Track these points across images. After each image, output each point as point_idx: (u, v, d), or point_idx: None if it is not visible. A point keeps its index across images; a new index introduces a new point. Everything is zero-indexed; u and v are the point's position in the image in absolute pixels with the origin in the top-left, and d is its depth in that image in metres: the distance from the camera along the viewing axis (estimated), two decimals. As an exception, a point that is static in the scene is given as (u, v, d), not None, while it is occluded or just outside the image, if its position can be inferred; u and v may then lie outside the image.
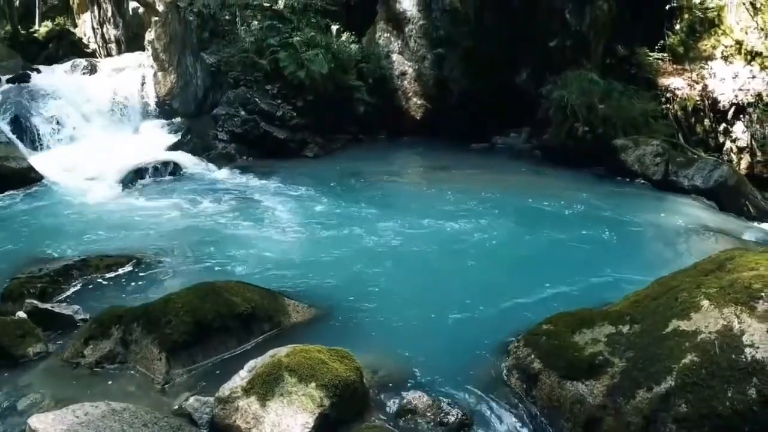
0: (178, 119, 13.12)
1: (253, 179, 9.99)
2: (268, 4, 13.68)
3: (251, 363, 3.71)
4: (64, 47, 18.94)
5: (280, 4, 13.66)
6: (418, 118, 13.18)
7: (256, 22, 13.04)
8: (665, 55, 11.99)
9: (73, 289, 5.65)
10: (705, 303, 3.67)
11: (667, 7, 11.83)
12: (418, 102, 13.15)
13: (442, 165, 11.10)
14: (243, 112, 11.86)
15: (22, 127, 11.90)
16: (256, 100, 11.94)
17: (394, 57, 13.25)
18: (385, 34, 13.36)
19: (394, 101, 13.25)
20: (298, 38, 12.36)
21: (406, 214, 7.98)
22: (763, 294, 3.55)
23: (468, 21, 12.51)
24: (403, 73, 13.17)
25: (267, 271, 5.99)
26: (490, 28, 12.55)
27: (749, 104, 11.03)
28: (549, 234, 7.31)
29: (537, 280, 5.86)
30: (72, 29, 20.71)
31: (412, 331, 4.87)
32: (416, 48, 12.99)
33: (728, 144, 11.27)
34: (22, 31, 18.92)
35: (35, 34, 19.24)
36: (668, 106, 11.62)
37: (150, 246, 6.75)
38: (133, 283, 5.80)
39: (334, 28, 13.23)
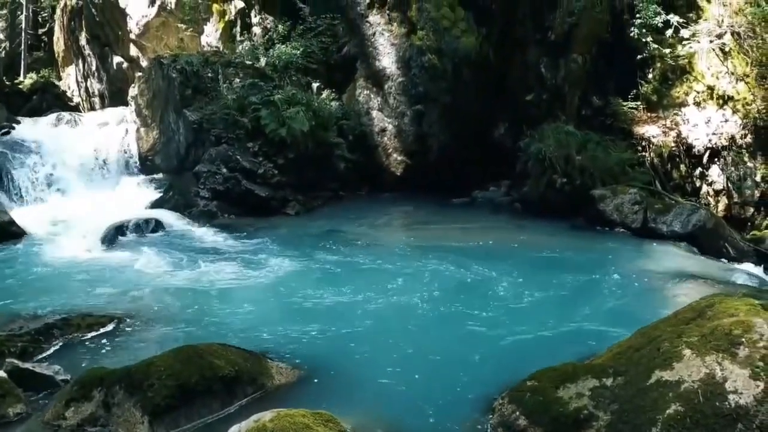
0: (160, 175, 13.15)
1: (235, 238, 9.92)
2: (250, 63, 13.91)
3: (235, 428, 3.66)
4: (48, 100, 19.00)
5: (262, 62, 13.88)
6: (398, 173, 13.27)
7: (238, 80, 13.20)
8: (639, 103, 12.22)
9: (54, 349, 5.57)
10: (687, 352, 3.70)
11: (639, 57, 12.08)
12: (399, 158, 13.27)
13: (423, 221, 11.15)
14: (225, 170, 11.89)
15: (3, 179, 11.91)
16: (238, 157, 11.99)
17: (374, 114, 13.41)
18: (365, 92, 13.55)
19: (374, 158, 13.35)
20: (279, 96, 12.50)
21: (388, 271, 7.98)
22: (743, 339, 3.60)
23: (446, 77, 12.74)
24: (383, 130, 13.32)
25: (250, 331, 5.94)
26: (468, 83, 12.79)
27: (723, 147, 11.25)
28: (531, 287, 7.33)
29: (520, 333, 5.87)
30: (56, 82, 20.85)
31: (396, 390, 4.83)
32: (396, 105, 13.17)
33: (705, 188, 11.45)
34: (7, 82, 19.00)
35: (20, 86, 19.33)
36: (644, 153, 11.81)
37: (132, 305, 6.69)
38: (114, 344, 5.72)
39: (315, 85, 13.42)
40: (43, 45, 23.92)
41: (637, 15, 11.88)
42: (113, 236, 9.90)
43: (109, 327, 6.04)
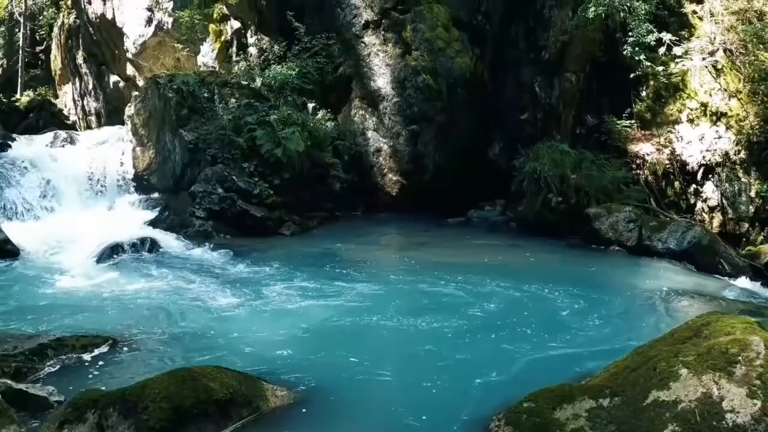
0: (156, 195, 13.14)
1: (230, 258, 9.85)
2: (246, 83, 13.96)
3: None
4: (45, 118, 19.06)
5: (258, 82, 13.93)
6: (393, 194, 13.27)
7: (233, 100, 13.23)
8: (633, 122, 12.31)
9: (48, 369, 5.50)
10: (683, 371, 3.69)
11: (632, 75, 12.17)
12: (394, 178, 13.28)
13: (419, 241, 11.12)
14: (220, 190, 11.88)
15: (-1, 197, 11.88)
16: (234, 177, 11.98)
17: (369, 134, 13.45)
18: (360, 112, 13.61)
19: (369, 178, 13.38)
20: (274, 116, 12.53)
21: (385, 292, 7.94)
22: (740, 358, 3.60)
23: (441, 97, 12.81)
24: (379, 150, 13.35)
25: (245, 354, 5.88)
26: (463, 103, 12.88)
27: (717, 164, 11.32)
28: (528, 306, 7.34)
29: (517, 353, 5.85)
30: (53, 100, 20.91)
31: (392, 413, 4.78)
32: (391, 125, 13.21)
33: (699, 204, 11.49)
34: (4, 100, 19.02)
35: (17, 104, 19.36)
36: (639, 171, 11.88)
37: (126, 326, 6.63)
38: (108, 365, 5.66)
39: (311, 105, 13.43)
40: (40, 63, 24.07)
41: (630, 33, 12.00)
42: (108, 255, 9.84)
43: (104, 348, 5.98)
